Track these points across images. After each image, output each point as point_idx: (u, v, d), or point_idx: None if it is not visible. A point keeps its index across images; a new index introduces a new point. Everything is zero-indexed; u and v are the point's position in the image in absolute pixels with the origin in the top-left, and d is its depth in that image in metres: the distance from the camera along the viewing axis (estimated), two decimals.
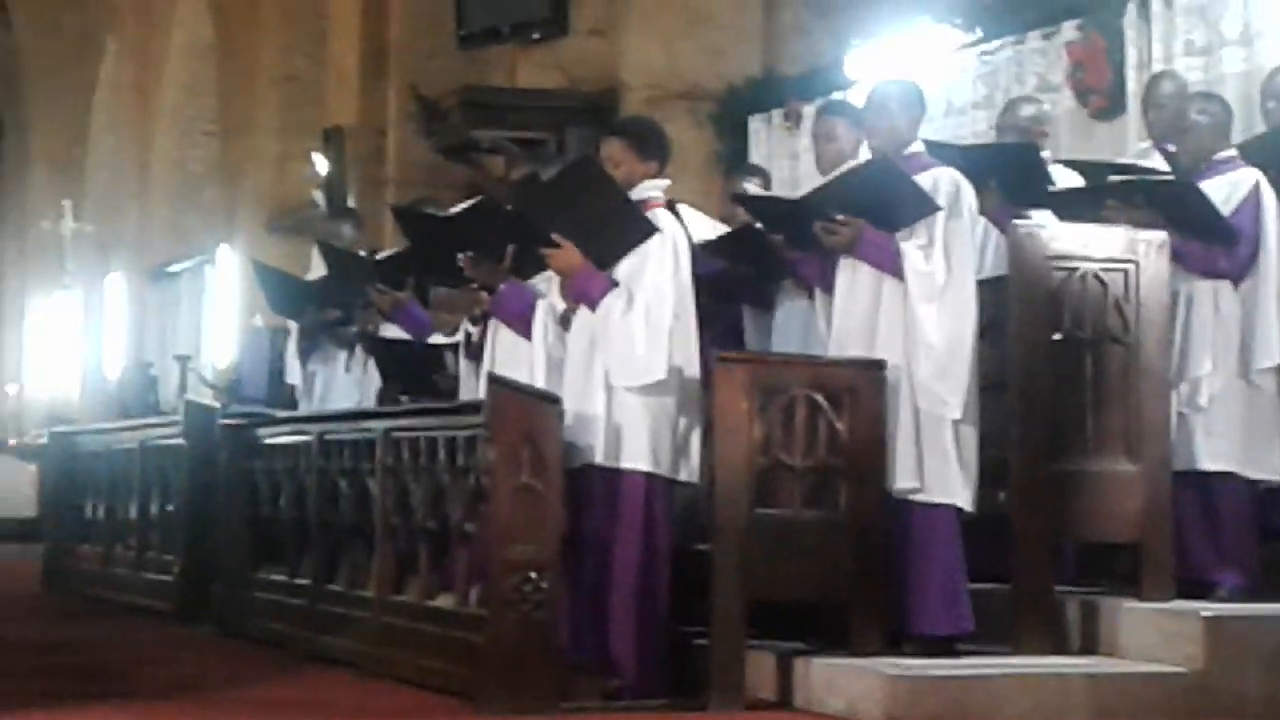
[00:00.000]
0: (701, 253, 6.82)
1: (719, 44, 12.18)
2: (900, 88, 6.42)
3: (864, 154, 6.57)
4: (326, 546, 7.51)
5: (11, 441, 16.52)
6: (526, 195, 6.74)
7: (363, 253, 8.85)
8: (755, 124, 11.86)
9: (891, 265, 6.04)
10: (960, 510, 6.04)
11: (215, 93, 18.90)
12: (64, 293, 21.58)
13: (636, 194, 6.29)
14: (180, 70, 20.02)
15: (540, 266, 6.43)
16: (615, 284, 6.12)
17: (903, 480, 6.02)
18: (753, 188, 7.76)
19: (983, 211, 6.50)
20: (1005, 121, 7.29)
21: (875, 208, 6.06)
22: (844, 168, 6.40)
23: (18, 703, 5.83)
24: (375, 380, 8.25)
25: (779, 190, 8.85)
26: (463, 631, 6.14)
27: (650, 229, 6.16)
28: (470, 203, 7.15)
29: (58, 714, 5.77)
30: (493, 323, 6.68)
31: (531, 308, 6.43)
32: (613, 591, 6.02)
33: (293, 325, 9.00)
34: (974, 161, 6.48)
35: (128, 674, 6.95)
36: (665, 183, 6.44)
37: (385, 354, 7.98)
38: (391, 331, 8.19)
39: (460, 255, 6.63)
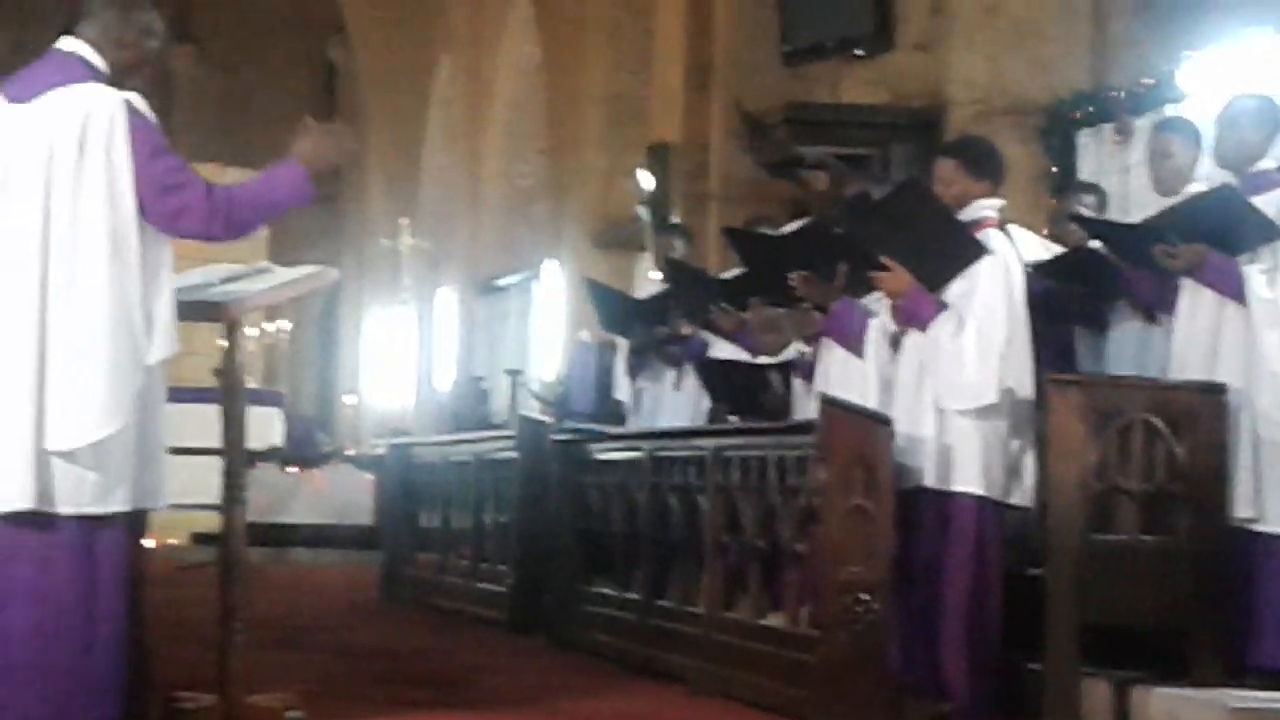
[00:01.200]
0: (1034, 274, 6.76)
1: (1046, 57, 12.00)
2: (1256, 103, 6.26)
3: (1201, 170, 6.45)
4: (656, 562, 7.63)
5: (351, 451, 17.07)
6: (856, 216, 6.77)
7: (689, 267, 8.96)
8: (1084, 138, 11.66)
9: (1234, 290, 5.92)
10: None
11: (543, 111, 19.30)
12: (399, 307, 22.23)
13: (969, 214, 6.27)
14: (510, 89, 20.49)
15: (873, 285, 6.45)
16: (945, 306, 6.11)
17: (1241, 509, 5.89)
18: (1086, 209, 7.65)
19: None
20: None
21: (1217, 233, 5.95)
22: (1186, 193, 6.29)
23: (368, 709, 6.06)
24: (704, 398, 8.36)
25: (1112, 206, 8.71)
26: (794, 651, 6.19)
27: (980, 251, 6.14)
28: (802, 223, 7.20)
29: (410, 716, 5.98)
30: (825, 341, 6.72)
31: (865, 327, 6.46)
32: (944, 614, 6.02)
33: (622, 342, 9.16)
34: None
35: (467, 683, 7.15)
36: (999, 202, 6.40)
37: (714, 374, 8.08)
38: (724, 351, 8.28)
39: (792, 275, 6.69)
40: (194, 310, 5.42)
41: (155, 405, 4.96)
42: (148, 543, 5.40)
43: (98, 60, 4.93)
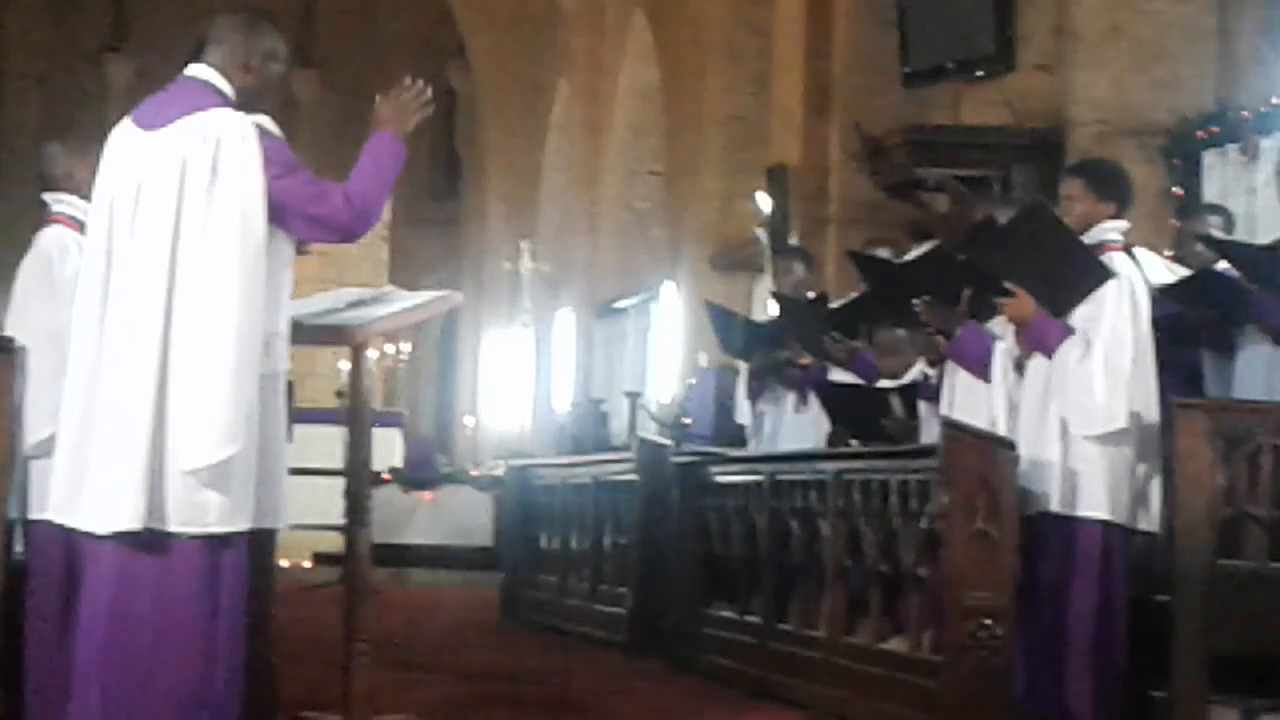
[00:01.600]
0: (1160, 297, 6.69)
1: (1170, 77, 11.87)
2: None
3: None
4: (777, 585, 7.62)
5: (469, 473, 17.17)
6: (981, 242, 6.73)
7: (812, 295, 8.94)
8: (1209, 159, 11.52)
9: None
10: None
11: (661, 133, 19.35)
12: (517, 329, 22.35)
13: (1093, 235, 6.23)
14: (628, 112, 20.56)
15: (997, 309, 6.41)
16: (1071, 331, 6.06)
17: None
18: (1213, 230, 7.56)
19: None
20: None
21: None
22: None
23: None
24: (824, 422, 8.34)
25: (1238, 228, 8.60)
26: (916, 676, 6.16)
27: (1105, 275, 6.09)
28: (926, 248, 7.18)
29: None
30: (949, 366, 6.69)
31: (990, 351, 6.42)
32: (1069, 641, 5.96)
33: (742, 365, 9.16)
34: None
35: (588, 705, 7.17)
36: (1124, 225, 6.36)
37: (835, 398, 8.06)
38: (839, 376, 8.26)
39: (916, 300, 6.67)
40: (321, 334, 5.49)
41: (275, 425, 5.01)
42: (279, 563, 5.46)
43: (225, 85, 5.01)
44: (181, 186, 4.86)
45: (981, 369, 6.47)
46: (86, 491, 4.87)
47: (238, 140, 4.87)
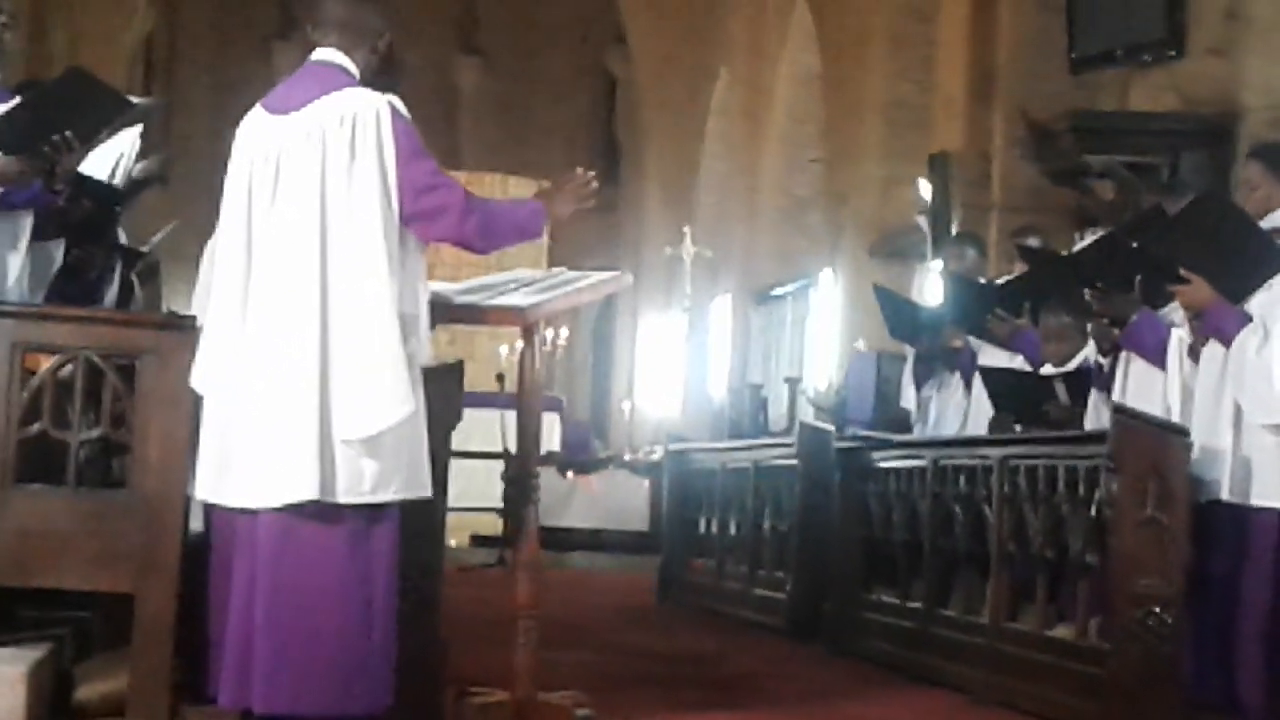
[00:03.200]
0: None
1: None
2: None
3: None
4: (939, 571, 7.58)
5: (626, 457, 17.25)
6: (1155, 229, 6.65)
7: (983, 279, 8.88)
8: None
9: None
10: None
11: (821, 120, 19.29)
12: (675, 314, 22.40)
13: (1273, 220, 6.14)
14: (788, 98, 20.52)
15: (1170, 296, 6.34)
16: (1249, 318, 5.98)
17: None
18: None
19: None
20: None
21: None
22: None
23: (650, 710, 6.12)
24: (987, 408, 8.28)
25: None
26: (1082, 664, 6.10)
27: None
28: (1094, 238, 7.11)
29: (694, 718, 6.04)
30: (1125, 354, 6.62)
31: (1166, 338, 6.35)
32: (1242, 631, 5.88)
33: (908, 350, 9.12)
34: None
35: (748, 687, 7.19)
36: None
37: (999, 382, 8.00)
38: (1002, 358, 8.20)
39: (1088, 290, 6.61)
40: (492, 314, 5.55)
41: (419, 399, 5.08)
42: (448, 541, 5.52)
43: (351, 66, 5.10)
44: (324, 165, 4.97)
45: (1157, 356, 6.40)
46: (240, 469, 4.99)
47: (373, 119, 4.96)
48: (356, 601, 4.96)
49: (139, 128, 6.52)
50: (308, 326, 4.94)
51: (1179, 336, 6.31)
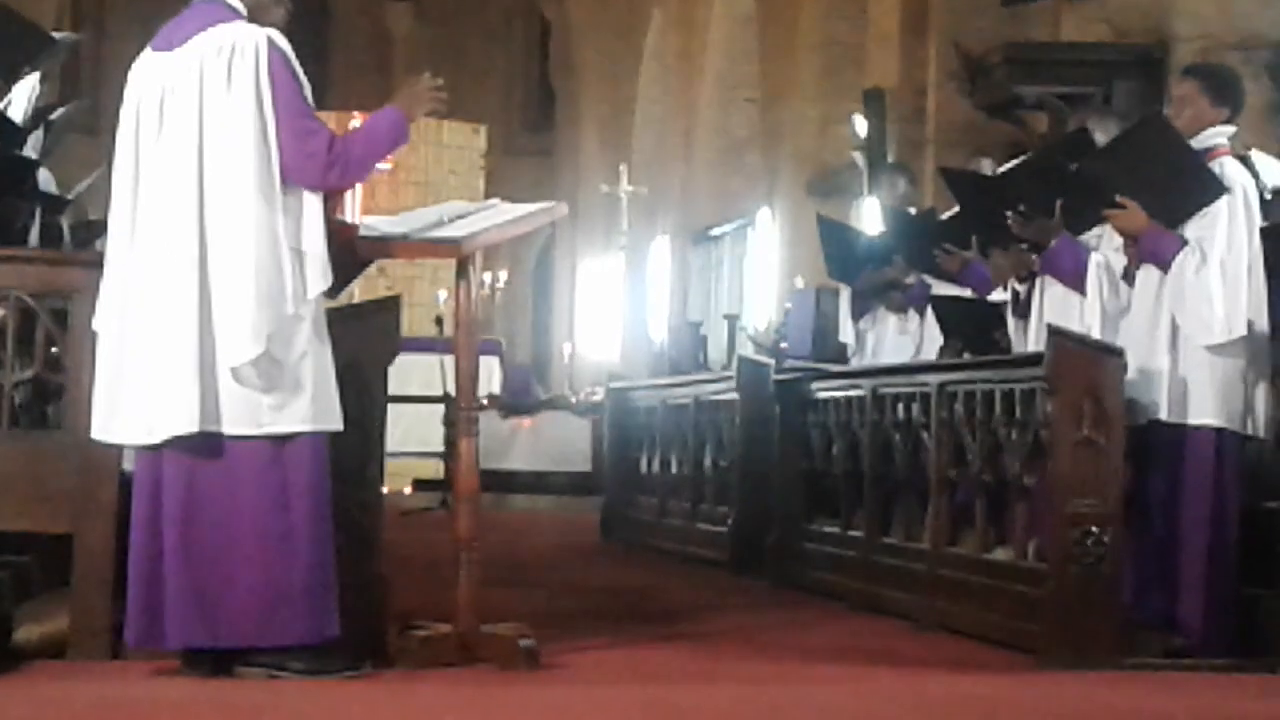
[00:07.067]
0: (1276, 199, 6.62)
1: None
2: None
3: None
4: (880, 499, 7.61)
5: (570, 399, 17.24)
6: (1086, 153, 6.67)
7: (913, 210, 8.90)
8: None
9: None
10: None
11: (756, 59, 19.26)
12: (614, 255, 22.37)
13: (1201, 141, 6.17)
14: (722, 39, 20.47)
15: (1091, 222, 6.37)
16: (1185, 242, 6.02)
17: None
18: None
19: None
20: None
21: None
22: None
23: (594, 641, 6.14)
24: (928, 341, 8.30)
25: None
26: (1022, 585, 6.14)
27: (1220, 189, 6.03)
28: (1020, 160, 7.12)
29: (639, 649, 6.06)
30: (1042, 279, 6.65)
31: (1085, 263, 6.39)
32: (1180, 549, 5.94)
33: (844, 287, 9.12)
34: None
35: (692, 618, 7.22)
36: (1231, 130, 6.29)
37: (947, 312, 8.02)
38: (944, 290, 8.22)
39: (1010, 212, 6.62)
40: (428, 247, 5.53)
41: (323, 331, 5.14)
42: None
43: (237, 3, 5.16)
44: (201, 94, 5.03)
45: (1076, 281, 6.43)
46: (127, 404, 5.01)
47: (251, 50, 5.03)
48: (273, 532, 4.99)
49: (37, 74, 6.48)
50: (185, 258, 4.99)
51: (1098, 261, 6.35)
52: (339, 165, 5.10)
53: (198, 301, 4.96)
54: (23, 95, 6.39)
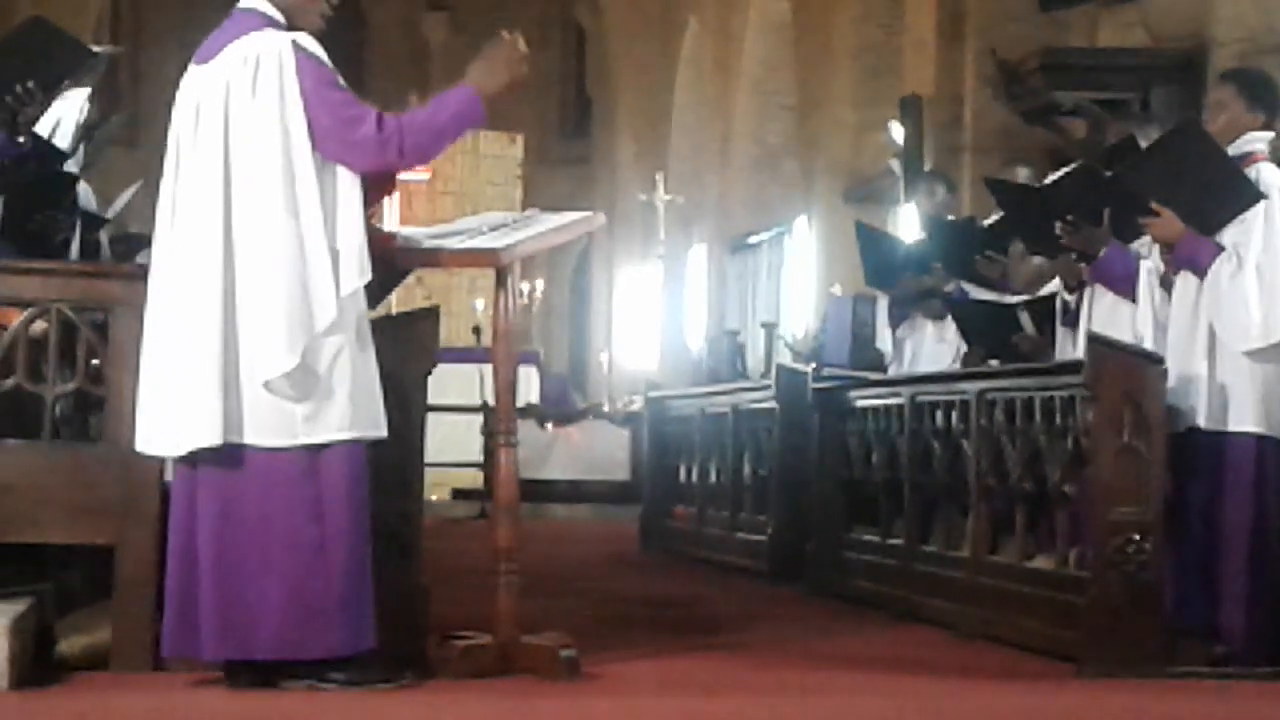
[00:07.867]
0: None
1: None
2: None
3: None
4: (919, 507, 7.60)
5: (605, 407, 17.26)
6: (1125, 161, 6.65)
7: (952, 217, 8.88)
8: None
9: None
10: None
11: (792, 67, 19.26)
12: (651, 264, 22.38)
13: (1238, 146, 6.15)
14: (758, 46, 20.47)
15: (1140, 230, 6.35)
16: (1222, 248, 6.00)
17: None
18: None
19: None
20: None
21: None
22: None
23: (634, 651, 6.14)
24: (963, 346, 8.29)
25: None
26: (1063, 593, 6.12)
27: (1257, 196, 6.01)
28: (1065, 170, 7.11)
29: (679, 659, 6.05)
30: (1091, 289, 6.64)
31: (1135, 271, 6.37)
32: (1222, 557, 5.91)
33: (882, 295, 9.11)
34: None
35: (731, 628, 7.20)
36: (1269, 135, 6.27)
37: (968, 316, 8.00)
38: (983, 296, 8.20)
39: (1058, 223, 6.61)
40: (466, 257, 5.54)
41: (365, 336, 5.09)
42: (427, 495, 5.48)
43: (271, 10, 5.12)
44: (226, 106, 5.00)
45: (1127, 288, 6.42)
46: (160, 416, 5.01)
47: (274, 57, 4.99)
48: (306, 544, 4.96)
49: (87, 90, 6.51)
50: (209, 272, 4.96)
51: (1148, 268, 6.33)
52: (394, 142, 4.99)
53: (221, 313, 4.95)
54: (73, 111, 6.42)
